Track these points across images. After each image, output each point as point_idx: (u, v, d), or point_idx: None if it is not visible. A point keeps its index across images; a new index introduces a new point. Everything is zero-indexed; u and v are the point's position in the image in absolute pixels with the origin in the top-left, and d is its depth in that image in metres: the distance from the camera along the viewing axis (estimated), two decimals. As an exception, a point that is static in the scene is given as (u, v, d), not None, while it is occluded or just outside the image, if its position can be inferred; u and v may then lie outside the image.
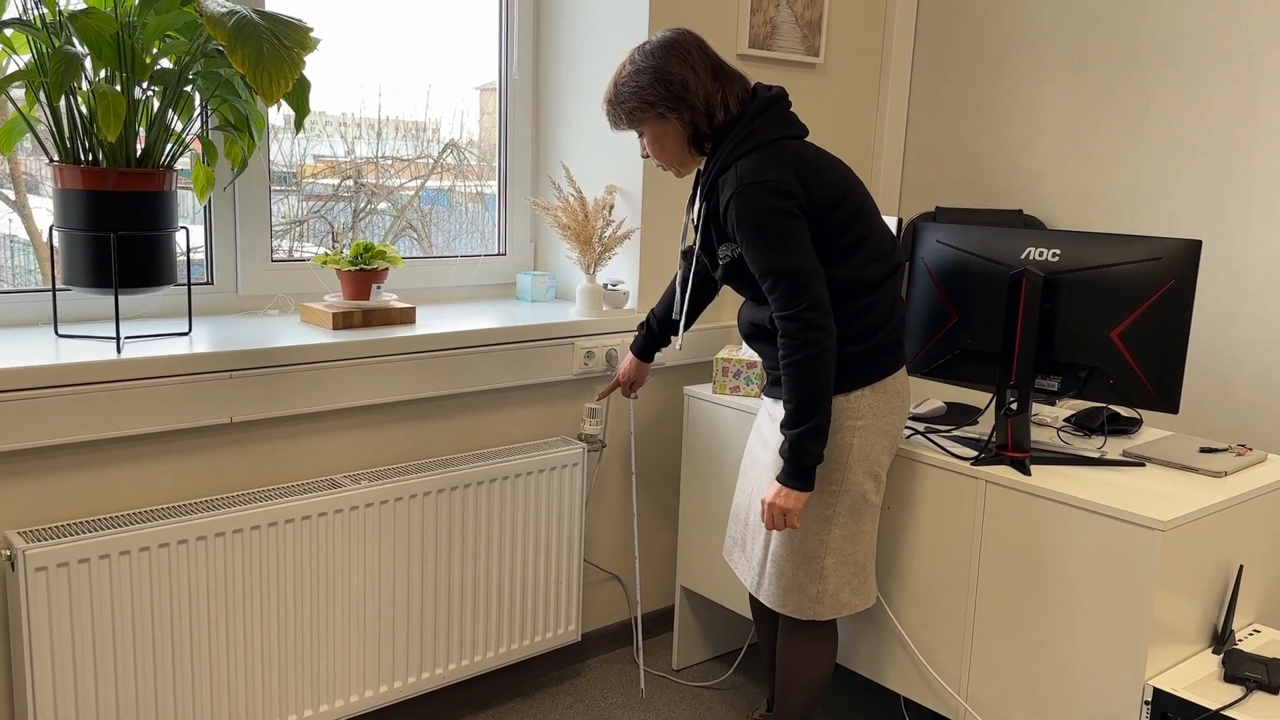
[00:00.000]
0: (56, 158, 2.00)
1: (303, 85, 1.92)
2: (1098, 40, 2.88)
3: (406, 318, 2.50)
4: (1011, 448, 2.13)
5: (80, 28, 1.85)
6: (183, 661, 2.05)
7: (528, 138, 2.99)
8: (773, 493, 1.97)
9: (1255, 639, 2.08)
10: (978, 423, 2.41)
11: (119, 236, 2.00)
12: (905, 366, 2.10)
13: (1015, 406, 2.11)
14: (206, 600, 2.07)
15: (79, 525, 1.98)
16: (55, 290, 2.19)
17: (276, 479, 2.28)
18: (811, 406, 1.89)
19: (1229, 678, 1.91)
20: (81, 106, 1.97)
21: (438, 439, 2.52)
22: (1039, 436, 2.33)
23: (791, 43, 2.99)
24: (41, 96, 1.94)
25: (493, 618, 2.53)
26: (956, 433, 2.32)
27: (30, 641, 1.87)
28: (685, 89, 1.98)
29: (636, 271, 2.81)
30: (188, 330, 2.25)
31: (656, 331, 2.43)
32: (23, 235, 2.40)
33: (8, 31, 1.96)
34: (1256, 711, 1.83)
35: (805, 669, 2.17)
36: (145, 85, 2.02)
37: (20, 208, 2.40)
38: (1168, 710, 1.86)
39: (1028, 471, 2.08)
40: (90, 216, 1.99)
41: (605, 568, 2.92)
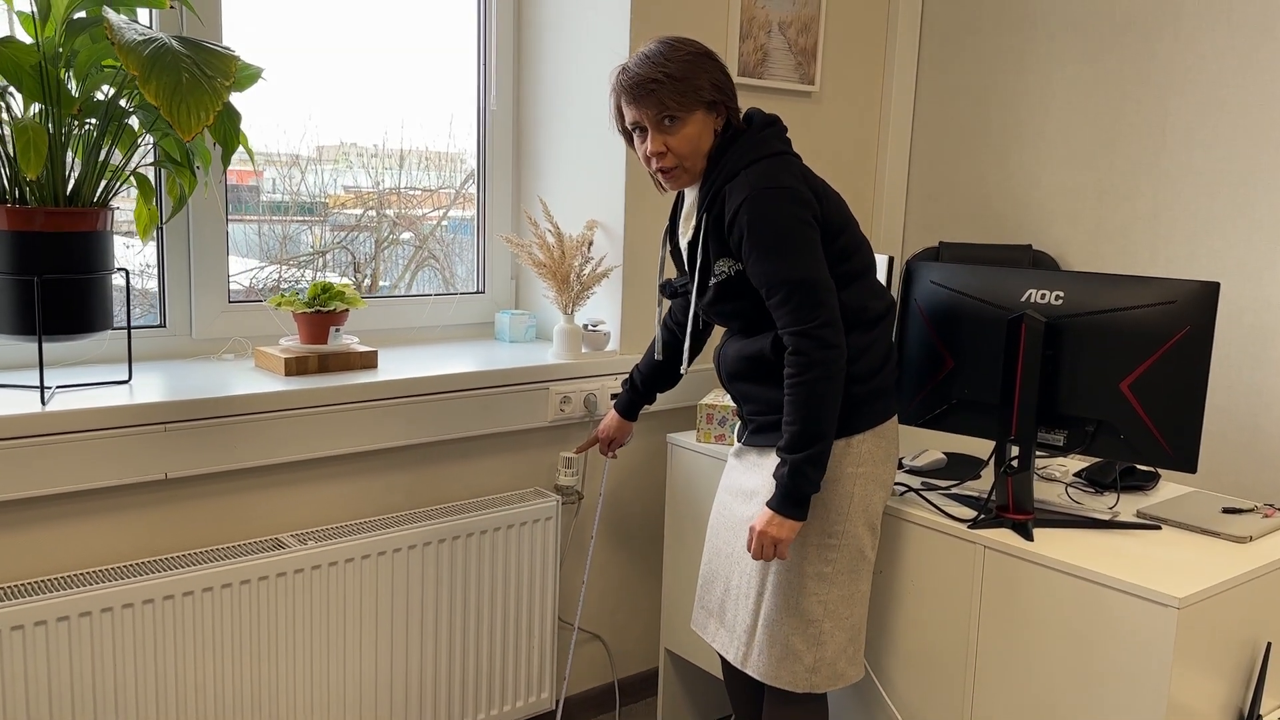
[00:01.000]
0: (-21, 196, 1.87)
1: (229, 117, 1.78)
2: (1111, 67, 2.70)
3: (368, 362, 2.35)
4: (1013, 509, 1.94)
5: (-3, 59, 1.73)
6: (107, 739, 1.90)
7: (507, 170, 2.85)
8: (764, 520, 1.80)
9: (1286, 724, 1.88)
10: (980, 476, 2.22)
11: (44, 280, 1.87)
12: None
13: (1016, 464, 1.92)
14: (134, 674, 1.91)
15: (-6, 591, 1.84)
16: (-15, 336, 2.06)
17: (217, 539, 2.12)
18: (819, 431, 1.75)
19: (1256, 772, 1.71)
20: (8, 143, 1.84)
21: (398, 493, 2.37)
22: (1045, 494, 2.14)
23: (784, 71, 2.83)
24: (-40, 131, 1.82)
25: (458, 686, 2.36)
26: (956, 490, 2.13)
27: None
28: (730, 87, 1.87)
29: (618, 311, 2.65)
30: (127, 378, 2.11)
31: (641, 389, 2.27)
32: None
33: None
34: (1287, 814, 1.63)
35: (792, 750, 1.97)
36: (75, 119, 1.89)
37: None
38: (1186, 810, 1.66)
39: (1030, 536, 1.89)
40: (15, 259, 1.86)
41: (585, 628, 2.74)
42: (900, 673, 2.07)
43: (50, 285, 1.88)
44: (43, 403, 1.90)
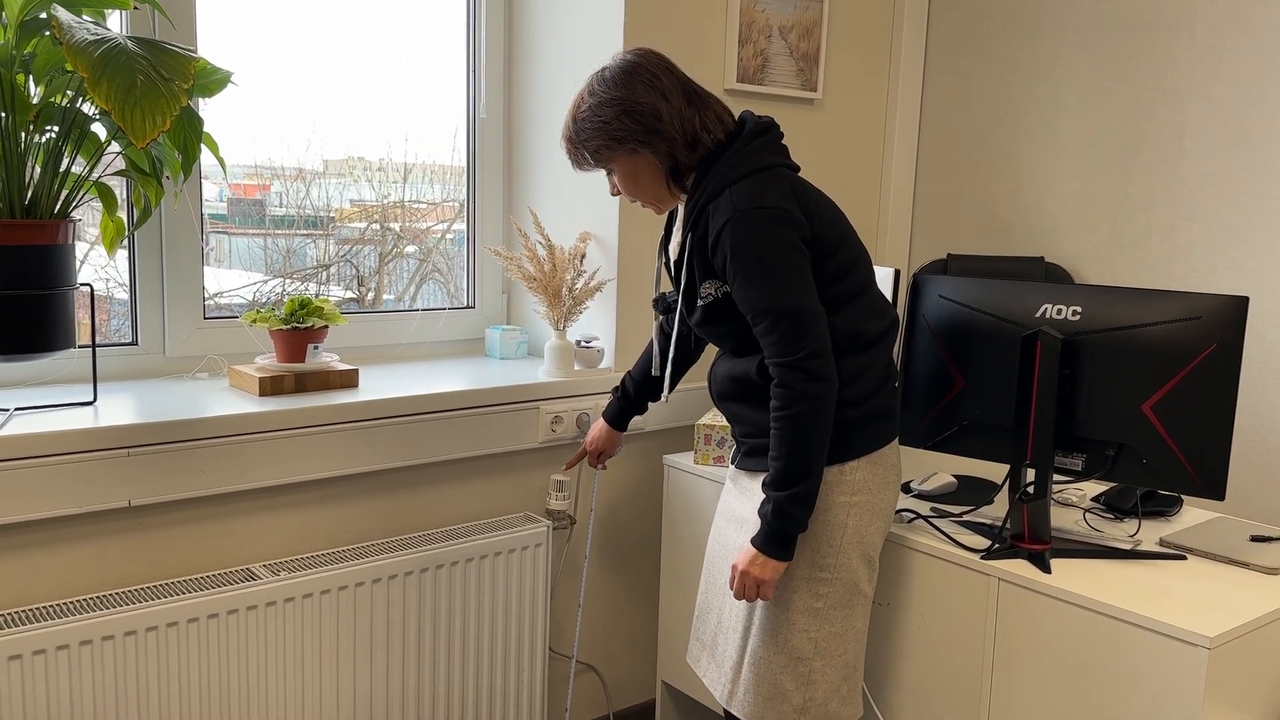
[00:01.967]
0: (-71, 208, 1.77)
1: (190, 123, 1.67)
2: (1126, 71, 2.59)
3: (348, 381, 2.24)
4: (1029, 538, 1.82)
5: (-56, 61, 1.62)
6: (64, 785, 1.78)
7: (498, 180, 2.74)
8: (747, 559, 1.70)
9: (1324, 769, 1.75)
10: (993, 502, 2.11)
11: (0, 296, 1.76)
12: (898, 437, 1.85)
13: (1032, 490, 1.81)
14: (93, 716, 1.79)
15: (-58, 628, 1.73)
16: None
17: (184, 570, 2.01)
18: (805, 469, 1.65)
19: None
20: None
21: (379, 519, 2.25)
22: (1062, 520, 2.02)
23: (786, 77, 2.72)
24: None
25: (442, 720, 2.24)
26: (968, 516, 2.01)
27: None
28: (657, 119, 1.72)
29: (613, 327, 2.53)
30: (92, 399, 2.00)
31: (633, 395, 2.15)
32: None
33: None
34: None
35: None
36: (34, 125, 1.78)
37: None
38: None
39: (1047, 568, 1.77)
40: (-33, 274, 1.76)
41: (578, 659, 2.62)
42: (908, 712, 1.95)
43: (6, 302, 1.77)
44: (-3, 426, 1.79)
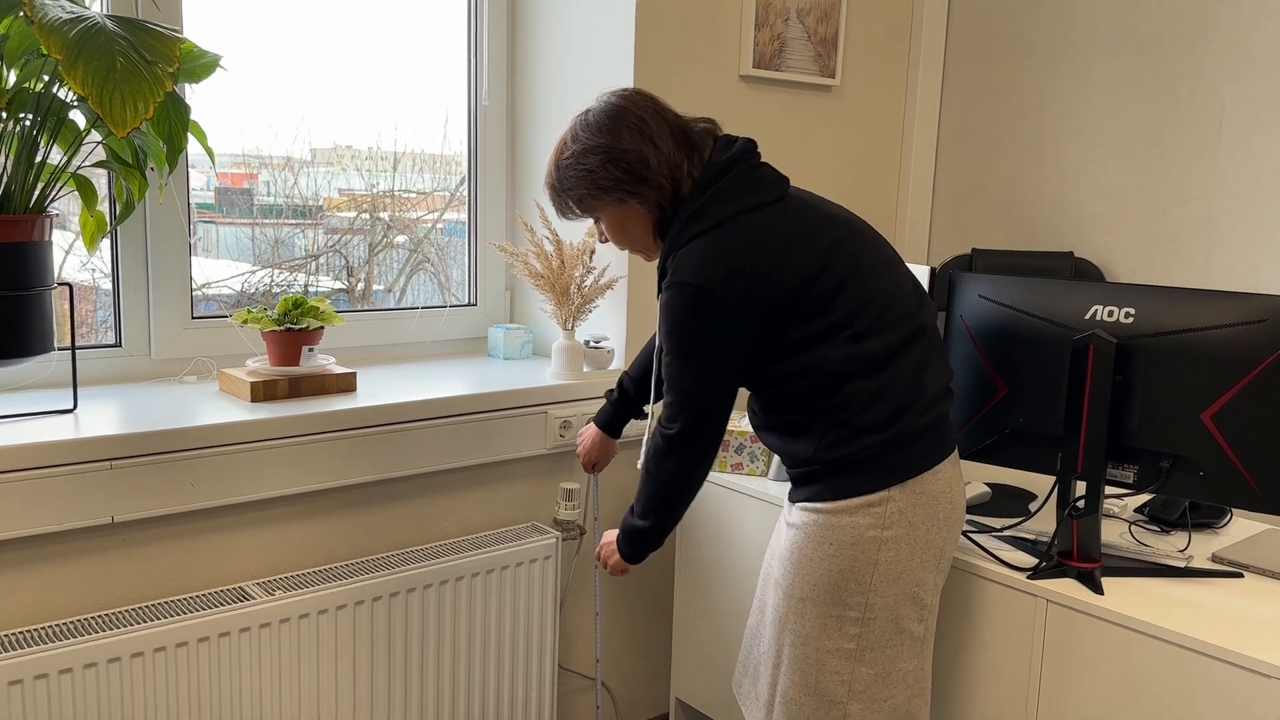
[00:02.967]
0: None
1: (176, 110, 1.53)
2: (1159, 56, 2.47)
3: (345, 385, 2.11)
4: (1078, 556, 1.71)
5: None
6: (43, 824, 1.65)
7: (501, 171, 2.61)
8: (612, 536, 1.79)
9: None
10: (1031, 512, 1.99)
11: (-34, 298, 1.62)
12: (953, 458, 1.65)
13: (1083, 505, 1.69)
14: (74, 747, 1.67)
15: (-91, 658, 1.59)
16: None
17: (172, 590, 1.88)
18: (658, 521, 1.69)
19: None
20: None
21: (379, 532, 2.12)
22: (1106, 534, 1.91)
23: (803, 62, 2.60)
24: None
25: (447, 744, 2.12)
26: (1008, 531, 1.90)
27: None
28: (645, 167, 1.60)
29: (623, 326, 2.41)
30: (72, 406, 1.87)
31: (632, 394, 1.98)
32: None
33: None
34: None
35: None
36: (7, 112, 1.65)
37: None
38: None
39: (1099, 588, 1.65)
40: (-65, 273, 1.62)
41: (589, 674, 2.50)
42: (945, 737, 1.84)
43: (-25, 304, 1.63)
44: (-33, 439, 1.66)
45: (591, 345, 2.40)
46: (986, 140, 2.83)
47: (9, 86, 1.65)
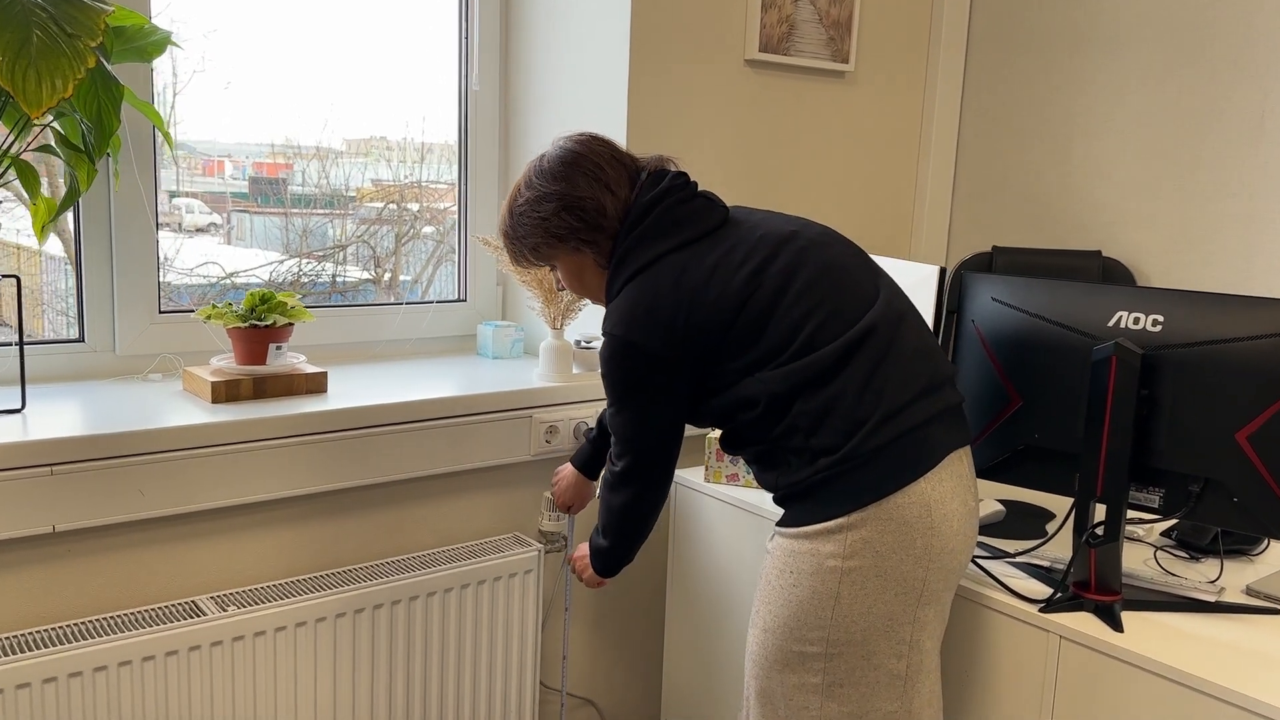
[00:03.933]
0: None
1: (106, 90, 1.40)
2: (1198, 42, 2.30)
3: (315, 385, 1.99)
4: (1095, 588, 1.55)
5: None
6: None
7: (493, 160, 2.48)
8: (586, 547, 1.79)
9: None
10: (1049, 534, 1.84)
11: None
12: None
13: (1102, 532, 1.53)
14: (5, 773, 1.56)
15: None
16: None
17: (117, 605, 1.76)
18: (616, 542, 1.69)
19: None
20: None
21: (347, 543, 2.00)
22: (1130, 561, 1.75)
23: (814, 46, 2.44)
24: None
25: (419, 768, 1.99)
26: (1021, 557, 1.74)
27: None
28: (601, 215, 1.56)
29: (617, 326, 2.27)
30: (20, 406, 1.76)
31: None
32: None
33: None
34: None
35: None
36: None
37: None
38: None
39: (1118, 624, 1.50)
40: None
41: (574, 692, 2.37)
42: (949, 779, 1.69)
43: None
44: (-106, 441, 1.55)
45: (582, 345, 2.26)
46: (1011, 131, 2.66)
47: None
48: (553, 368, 2.19)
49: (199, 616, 1.73)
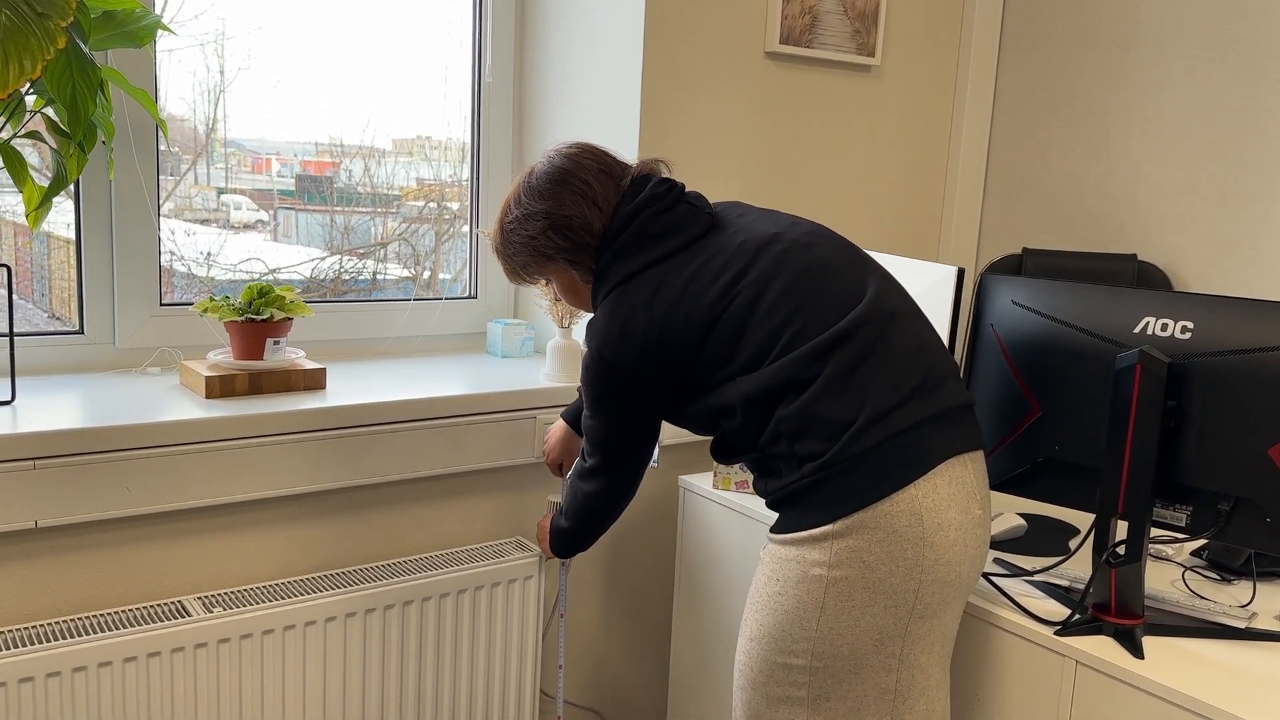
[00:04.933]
0: None
1: (81, 72, 1.36)
2: (1243, 35, 2.18)
3: (312, 382, 1.94)
4: (1116, 610, 1.46)
5: None
6: None
7: (506, 154, 2.42)
8: (546, 521, 1.85)
9: None
10: (1071, 551, 1.74)
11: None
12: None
13: (1124, 551, 1.44)
14: (-20, 773, 1.53)
15: None
16: None
17: (100, 604, 1.72)
18: (577, 527, 1.73)
19: None
20: None
21: (341, 545, 1.95)
22: (1156, 582, 1.65)
23: (838, 39, 2.36)
24: None
25: (412, 776, 1.94)
26: (1039, 575, 1.65)
27: None
28: (588, 232, 1.55)
29: (628, 325, 2.20)
30: (10, 398, 1.73)
31: None
32: None
33: None
34: None
35: None
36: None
37: None
38: None
39: (1139, 650, 1.41)
40: None
41: (576, 702, 2.31)
42: (958, 807, 1.61)
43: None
44: (-125, 432, 1.52)
45: (591, 345, 2.20)
46: (1045, 128, 2.56)
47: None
48: (559, 368, 2.13)
49: (183, 617, 1.68)
